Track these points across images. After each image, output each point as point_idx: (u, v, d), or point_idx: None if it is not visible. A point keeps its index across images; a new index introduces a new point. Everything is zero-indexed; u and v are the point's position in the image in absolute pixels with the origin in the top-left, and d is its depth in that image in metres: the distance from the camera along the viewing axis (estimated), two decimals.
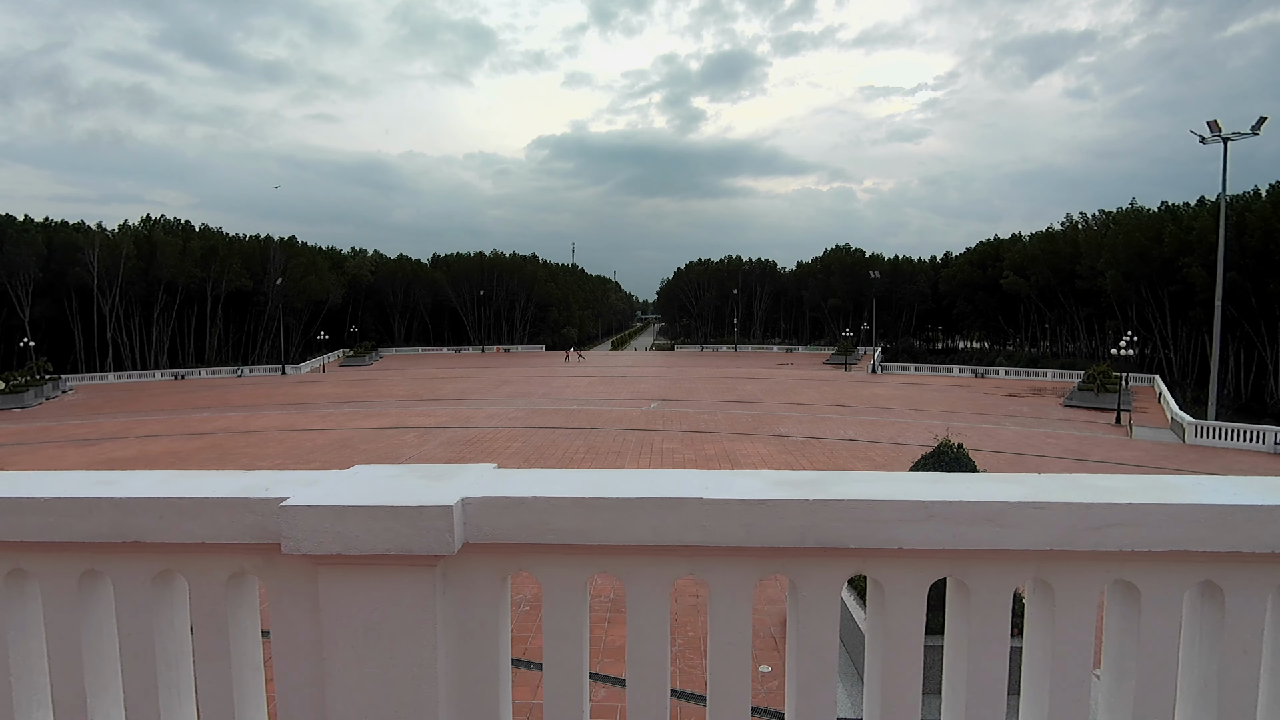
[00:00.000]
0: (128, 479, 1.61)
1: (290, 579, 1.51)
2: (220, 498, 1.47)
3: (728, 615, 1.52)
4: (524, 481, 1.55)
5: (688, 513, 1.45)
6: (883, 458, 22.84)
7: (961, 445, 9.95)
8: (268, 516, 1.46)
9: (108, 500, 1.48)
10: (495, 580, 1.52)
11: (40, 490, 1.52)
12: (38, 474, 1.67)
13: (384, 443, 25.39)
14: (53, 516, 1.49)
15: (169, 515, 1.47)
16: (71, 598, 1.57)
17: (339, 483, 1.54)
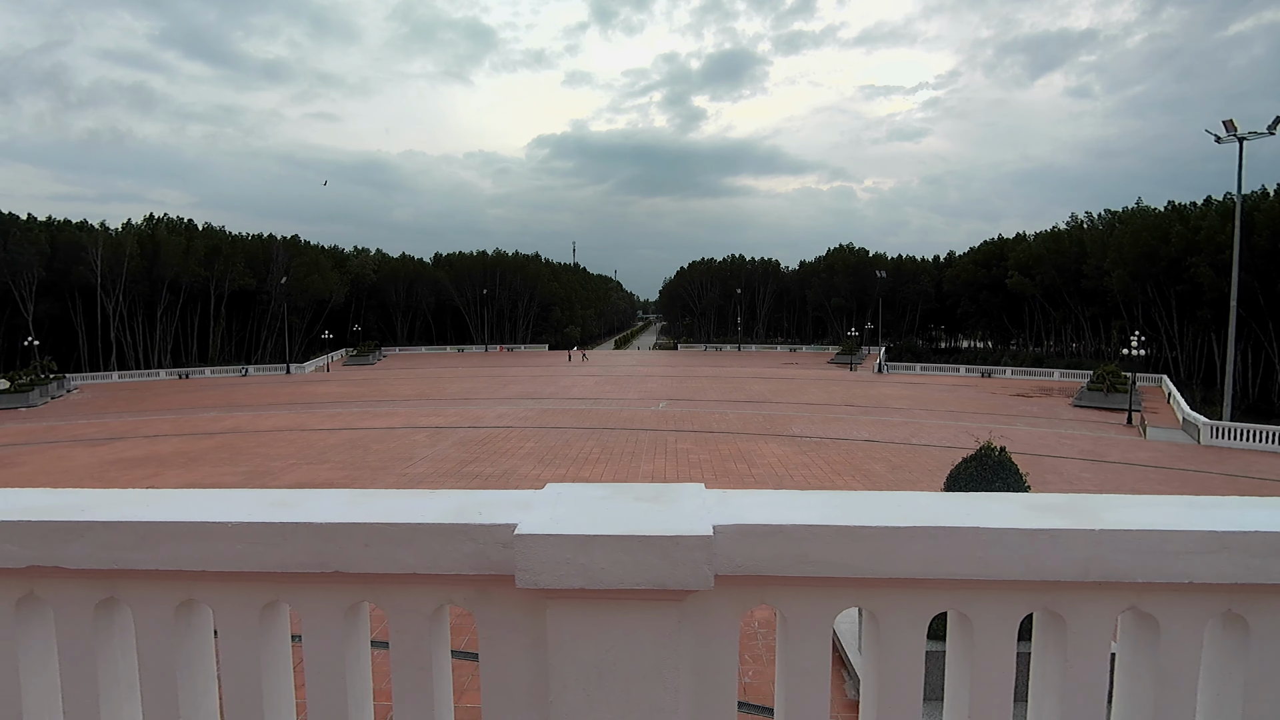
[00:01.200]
0: (309, 500, 1.47)
1: (510, 613, 1.37)
2: (437, 524, 1.33)
3: (995, 654, 1.37)
4: (765, 506, 1.41)
5: (960, 543, 1.31)
6: (899, 459, 22.70)
7: (1004, 449, 9.80)
8: (491, 545, 1.31)
9: (306, 526, 1.34)
10: (733, 616, 1.37)
11: (222, 514, 1.38)
12: (202, 494, 1.53)
13: (395, 443, 25.23)
14: (240, 544, 1.35)
15: (377, 543, 1.33)
16: (251, 632, 1.42)
17: (555, 506, 1.40)
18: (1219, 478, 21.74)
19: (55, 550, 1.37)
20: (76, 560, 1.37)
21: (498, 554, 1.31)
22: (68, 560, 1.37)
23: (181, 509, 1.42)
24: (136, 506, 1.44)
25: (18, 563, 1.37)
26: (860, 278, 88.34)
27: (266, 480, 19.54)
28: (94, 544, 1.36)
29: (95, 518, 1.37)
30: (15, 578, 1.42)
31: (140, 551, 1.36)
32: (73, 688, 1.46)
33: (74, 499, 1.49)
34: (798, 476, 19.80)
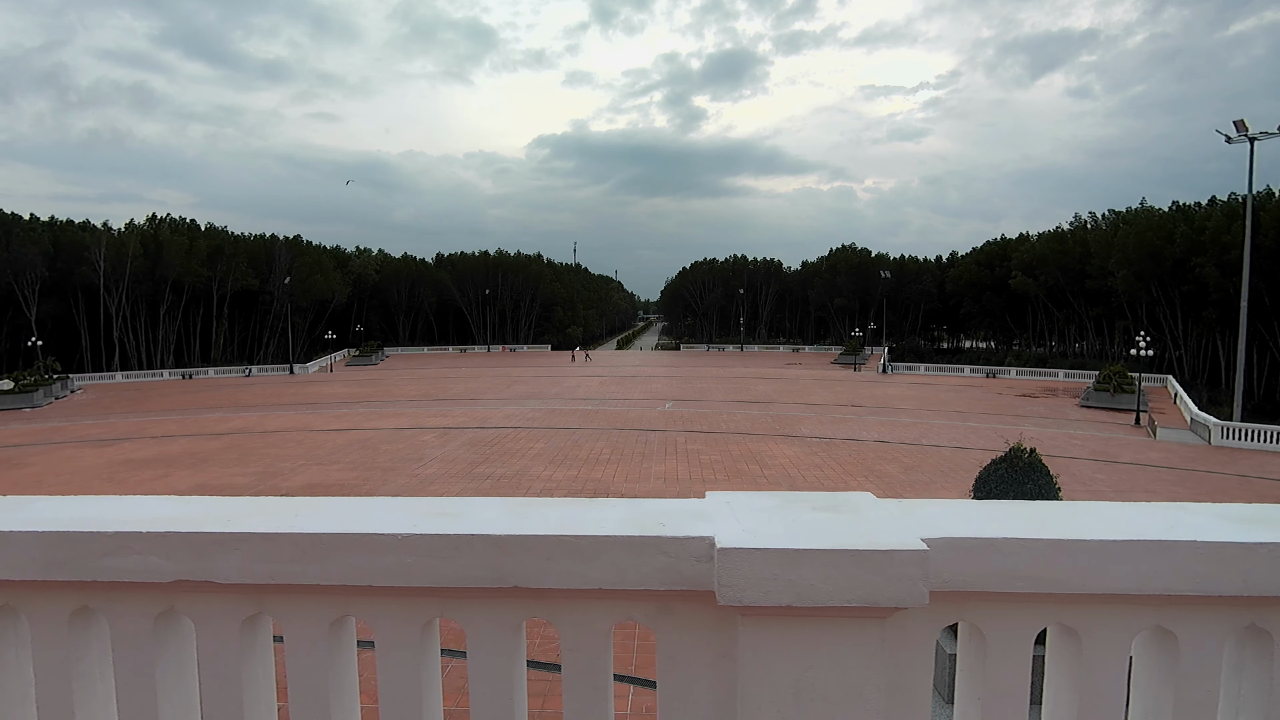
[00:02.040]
0: (473, 510, 1.39)
1: (693, 631, 1.29)
2: (625, 536, 1.25)
3: (1198, 676, 1.30)
4: (955, 518, 1.34)
5: (1174, 557, 1.24)
6: (910, 459, 22.63)
7: (1034, 450, 9.75)
8: (684, 559, 1.24)
9: (482, 539, 1.26)
10: (930, 634, 1.30)
11: (388, 525, 1.30)
12: (354, 503, 1.45)
13: (404, 443, 25.16)
14: (411, 556, 1.27)
15: (560, 557, 1.25)
16: (412, 650, 1.35)
17: (738, 517, 1.32)
18: (1233, 479, 21.66)
19: (206, 564, 1.29)
20: (228, 574, 1.29)
21: (690, 568, 1.24)
22: (219, 574, 1.29)
23: (340, 519, 1.35)
24: (287, 517, 1.36)
25: (163, 577, 1.30)
26: (863, 278, 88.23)
27: (277, 480, 19.47)
28: (249, 557, 1.28)
29: (248, 528, 1.30)
30: (158, 593, 1.34)
31: (299, 565, 1.28)
32: (214, 709, 1.38)
33: (217, 509, 1.41)
34: (810, 477, 19.72)
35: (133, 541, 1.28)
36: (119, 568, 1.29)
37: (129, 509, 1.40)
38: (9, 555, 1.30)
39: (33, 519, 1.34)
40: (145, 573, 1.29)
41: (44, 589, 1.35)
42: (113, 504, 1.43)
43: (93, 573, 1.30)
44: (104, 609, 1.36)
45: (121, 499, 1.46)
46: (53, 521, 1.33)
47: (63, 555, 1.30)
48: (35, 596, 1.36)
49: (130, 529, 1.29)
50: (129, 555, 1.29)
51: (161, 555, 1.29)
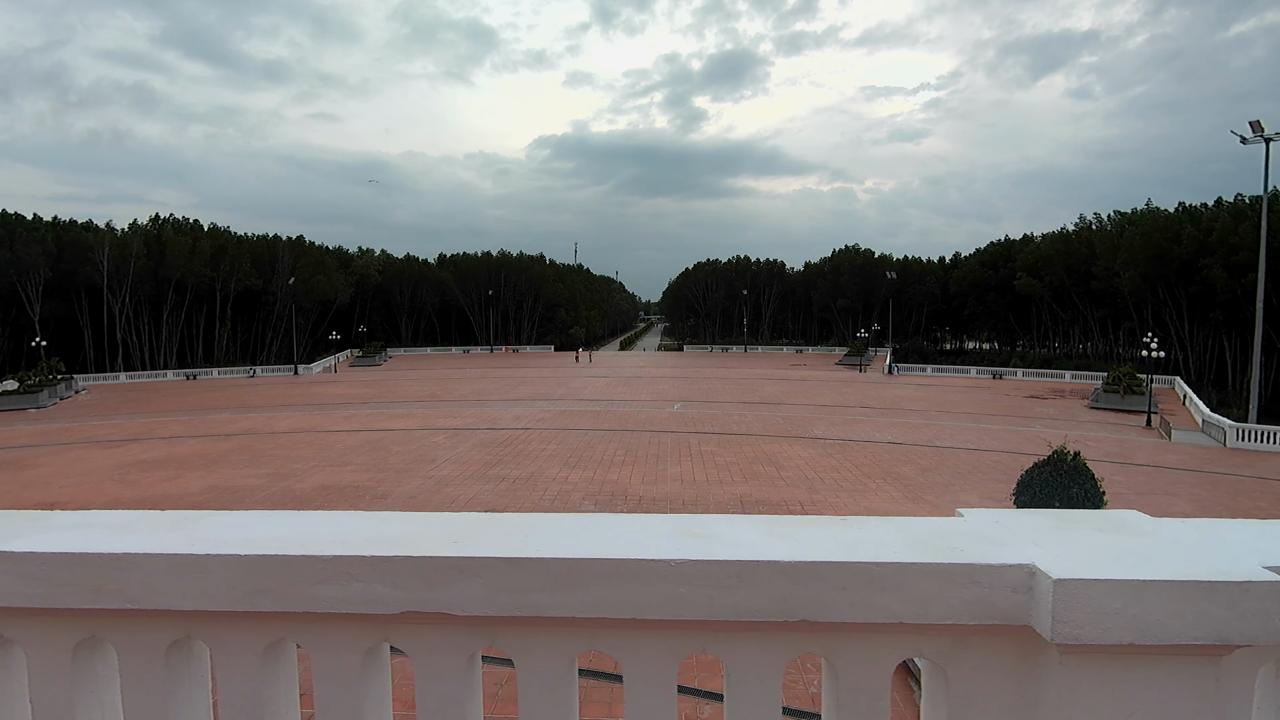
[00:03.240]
0: (727, 529, 1.24)
1: (992, 669, 1.14)
2: (932, 564, 1.10)
3: None
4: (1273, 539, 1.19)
5: None
6: (927, 461, 22.46)
7: (1079, 454, 9.61)
8: (999, 590, 1.08)
9: (769, 565, 1.10)
10: (1249, 674, 1.14)
11: (650, 550, 1.14)
12: (601, 522, 1.29)
13: (415, 445, 24.98)
14: (684, 586, 1.12)
15: (858, 586, 1.10)
16: (661, 688, 1.19)
17: (1041, 541, 1.17)
18: (1251, 480, 21.51)
19: (439, 593, 1.14)
20: (465, 605, 1.14)
21: (1005, 600, 1.08)
22: (454, 605, 1.14)
23: (589, 542, 1.19)
24: (520, 539, 1.20)
25: (387, 608, 1.14)
26: (866, 279, 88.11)
27: (290, 482, 19.29)
28: (493, 586, 1.13)
29: (487, 552, 1.14)
30: (374, 625, 1.19)
31: (547, 594, 1.13)
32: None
33: (438, 527, 1.25)
34: (828, 479, 19.56)
35: (354, 567, 1.13)
36: (334, 597, 1.14)
37: (336, 527, 1.24)
38: (203, 583, 1.15)
39: (229, 540, 1.19)
40: (366, 603, 1.14)
41: (240, 621, 1.19)
42: (312, 521, 1.27)
43: (302, 603, 1.14)
44: (308, 643, 1.20)
45: (320, 515, 1.30)
46: (252, 543, 1.18)
47: (268, 583, 1.14)
48: (231, 629, 1.20)
49: (350, 552, 1.14)
50: (348, 583, 1.13)
51: (387, 583, 1.13)
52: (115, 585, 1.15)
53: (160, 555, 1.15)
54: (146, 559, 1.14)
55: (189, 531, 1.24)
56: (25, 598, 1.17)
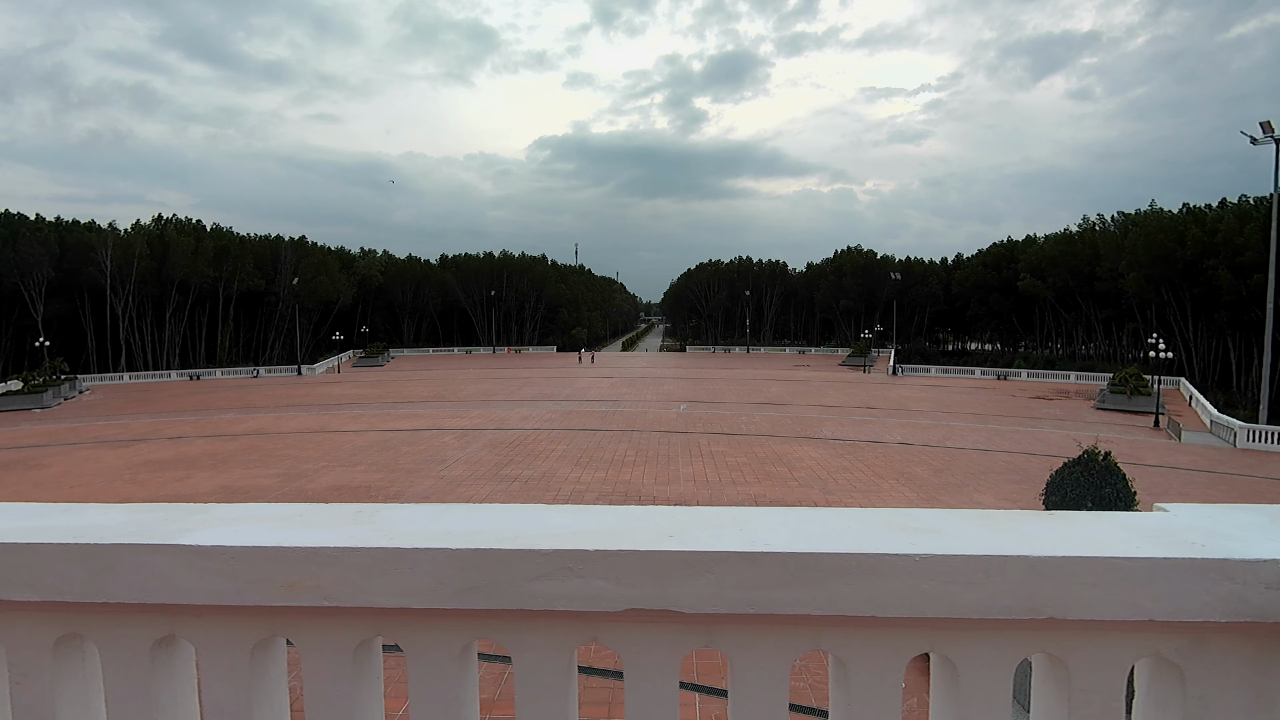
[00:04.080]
0: (946, 522, 1.17)
1: (1229, 669, 1.08)
2: (1182, 559, 1.03)
3: None
4: None
5: None
6: (939, 461, 22.40)
7: (1109, 454, 9.54)
8: (1252, 586, 1.01)
9: (1017, 560, 1.04)
10: None
11: (888, 544, 1.07)
12: (836, 515, 1.21)
13: (424, 444, 24.91)
14: (928, 583, 1.05)
15: (1108, 582, 1.03)
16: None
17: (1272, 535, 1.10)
18: (1265, 481, 21.46)
19: (668, 589, 1.07)
20: (695, 602, 1.07)
21: (1259, 596, 1.02)
22: (683, 602, 1.07)
23: (820, 537, 1.11)
24: (736, 531, 1.13)
25: (611, 605, 1.07)
26: (869, 280, 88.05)
27: (302, 482, 19.22)
28: (723, 581, 1.06)
29: (711, 546, 1.07)
30: (588, 623, 1.12)
31: (781, 591, 1.06)
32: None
33: (657, 520, 1.18)
34: (841, 480, 19.49)
35: (576, 561, 1.06)
36: (552, 594, 1.07)
37: (541, 520, 1.17)
38: (409, 579, 1.08)
39: (430, 533, 1.12)
40: (586, 600, 1.07)
41: (439, 620, 1.12)
42: (512, 514, 1.20)
43: (515, 599, 1.07)
44: (512, 643, 1.13)
45: (516, 507, 1.23)
46: (458, 536, 1.11)
47: (480, 579, 1.07)
48: (428, 628, 1.13)
49: (569, 545, 1.07)
50: (568, 579, 1.06)
51: (612, 578, 1.06)
52: (312, 582, 1.08)
53: (362, 549, 1.07)
54: (347, 554, 1.07)
55: (376, 525, 1.17)
56: (206, 594, 1.10)
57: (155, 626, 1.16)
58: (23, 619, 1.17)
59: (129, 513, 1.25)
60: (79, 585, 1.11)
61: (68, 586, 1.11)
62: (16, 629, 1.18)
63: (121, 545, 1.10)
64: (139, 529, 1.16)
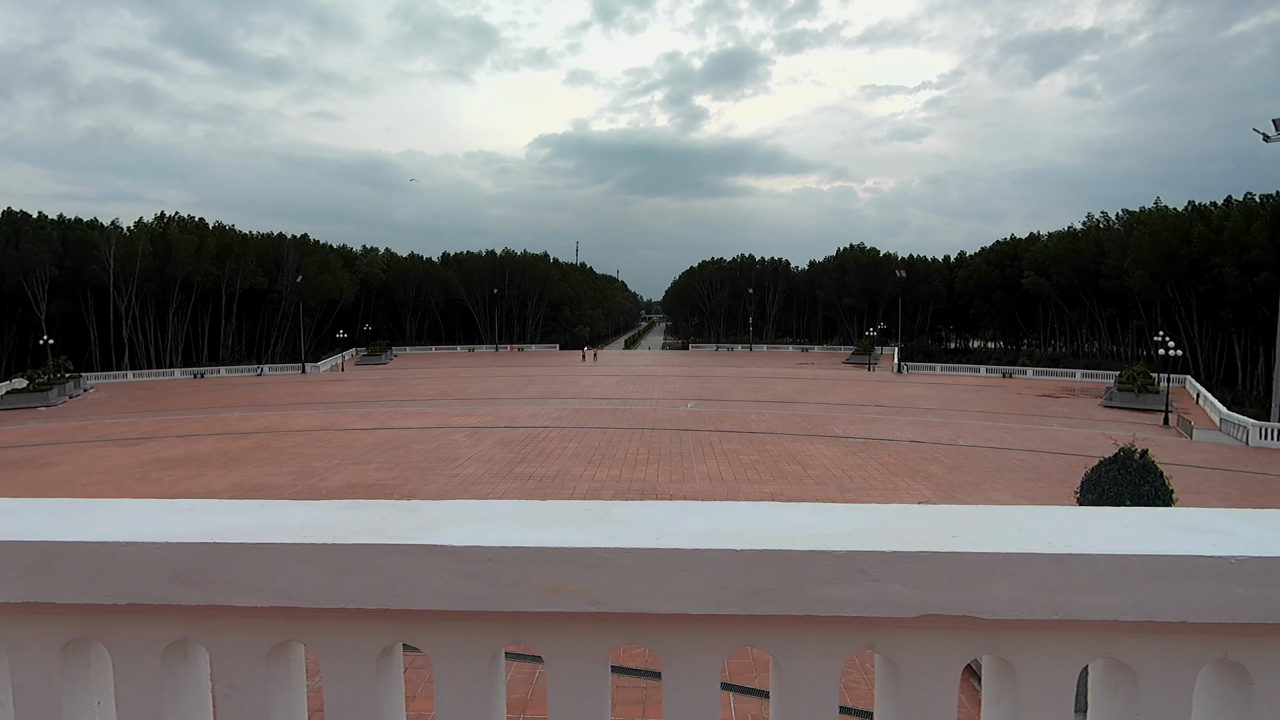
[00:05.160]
0: (1221, 522, 1.08)
1: None
2: None
3: None
4: None
5: None
6: (952, 460, 22.32)
7: (1146, 452, 9.46)
8: None
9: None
10: None
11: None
12: (1092, 514, 1.12)
13: (435, 443, 24.83)
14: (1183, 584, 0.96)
15: None
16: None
17: None
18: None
19: (969, 594, 0.98)
20: (996, 607, 0.98)
21: None
22: (983, 608, 0.98)
23: (1124, 540, 1.02)
24: (1002, 527, 1.04)
25: (904, 610, 0.98)
26: (871, 277, 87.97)
27: (315, 480, 19.14)
28: (1028, 585, 0.97)
29: (1017, 548, 0.98)
30: (865, 629, 1.03)
31: (1087, 595, 0.97)
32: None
33: (937, 519, 1.09)
34: (856, 478, 19.42)
35: (871, 564, 0.97)
36: (840, 598, 0.98)
37: (825, 520, 1.08)
38: (688, 581, 0.99)
39: (702, 531, 1.03)
40: (878, 605, 0.98)
41: (710, 626, 1.03)
42: (794, 513, 1.11)
43: (800, 604, 0.98)
44: (779, 650, 1.04)
45: (783, 506, 1.13)
46: (739, 535, 1.01)
47: (768, 581, 0.98)
48: (693, 635, 1.04)
49: (869, 547, 0.98)
50: (862, 582, 0.97)
51: (910, 583, 0.97)
52: (578, 586, 0.99)
53: (633, 550, 0.98)
54: (620, 555, 0.98)
55: (622, 523, 1.08)
56: (452, 599, 1.01)
57: (384, 634, 1.07)
58: (239, 626, 1.08)
59: (338, 510, 1.16)
60: (311, 589, 1.02)
61: (298, 590, 1.02)
62: (229, 636, 1.09)
63: (361, 545, 1.01)
64: (369, 528, 1.07)
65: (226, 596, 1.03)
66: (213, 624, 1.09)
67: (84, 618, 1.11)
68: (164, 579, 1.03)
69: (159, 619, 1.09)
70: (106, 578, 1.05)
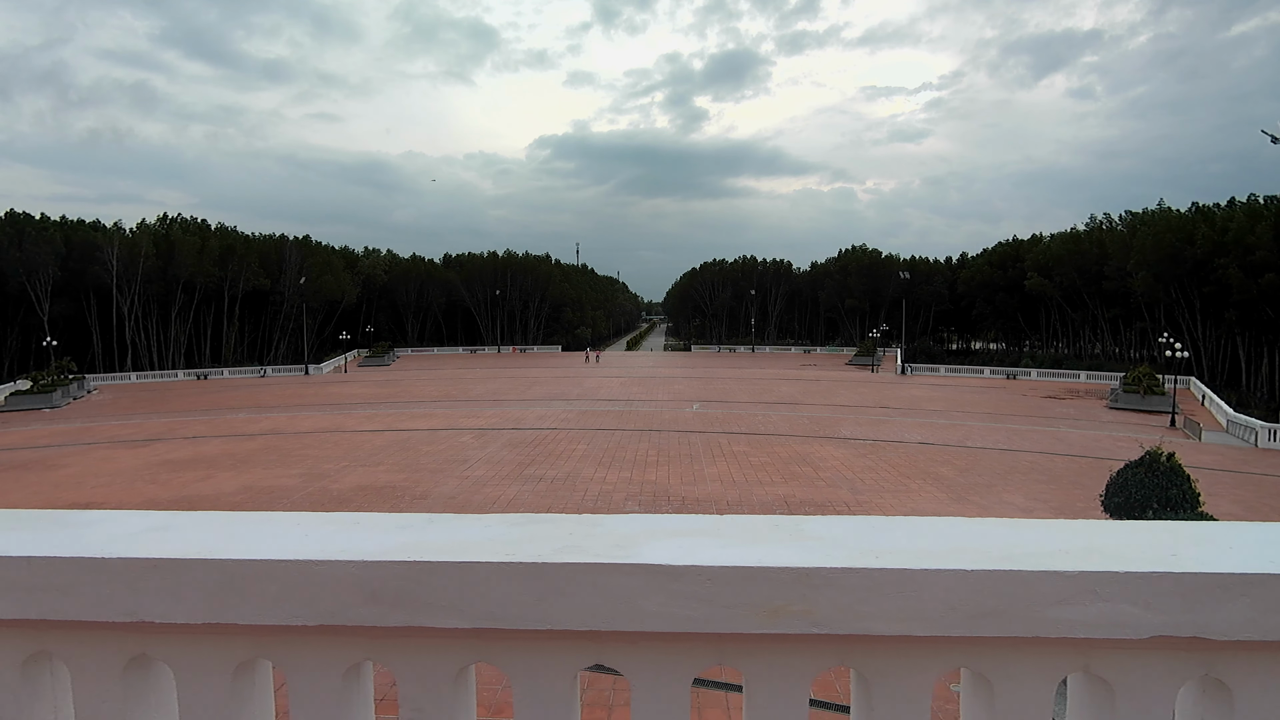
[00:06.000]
0: None
1: None
2: None
3: None
4: None
5: None
6: (963, 461, 22.29)
7: (1173, 455, 9.44)
8: None
9: None
10: None
11: None
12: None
13: (443, 444, 24.80)
14: None
15: None
16: None
17: None
18: None
19: (1199, 616, 0.95)
20: (1230, 629, 0.95)
21: None
22: (1215, 629, 0.95)
23: None
24: None
25: (1135, 631, 0.95)
26: (874, 279, 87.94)
27: (325, 483, 19.11)
28: (1263, 605, 0.95)
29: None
30: (1080, 651, 1.00)
31: None
32: None
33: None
34: (868, 480, 19.39)
35: (1104, 584, 0.94)
36: (1069, 620, 0.95)
37: (1047, 537, 1.05)
38: (916, 603, 0.96)
39: (943, 551, 1.00)
40: (1107, 626, 0.95)
41: (928, 647, 1.01)
42: (1018, 530, 1.08)
43: (1032, 625, 0.96)
44: (996, 673, 1.02)
45: (1021, 524, 1.11)
46: (960, 555, 0.99)
47: (997, 603, 0.96)
48: (905, 655, 1.01)
49: (1100, 567, 0.95)
50: (1091, 603, 0.95)
51: (1140, 602, 0.94)
52: (801, 607, 0.96)
53: (863, 570, 0.96)
54: (846, 575, 0.96)
55: (824, 540, 1.05)
56: (669, 620, 0.98)
57: (582, 656, 1.05)
58: (430, 647, 1.05)
59: (516, 525, 1.13)
60: (516, 609, 0.99)
61: (502, 611, 1.00)
62: (419, 658, 1.06)
63: (571, 565, 0.99)
64: (567, 545, 1.04)
65: (425, 617, 1.01)
66: (400, 644, 1.06)
67: (257, 639, 1.08)
68: (360, 599, 1.01)
69: (344, 640, 1.06)
70: (294, 597, 1.02)
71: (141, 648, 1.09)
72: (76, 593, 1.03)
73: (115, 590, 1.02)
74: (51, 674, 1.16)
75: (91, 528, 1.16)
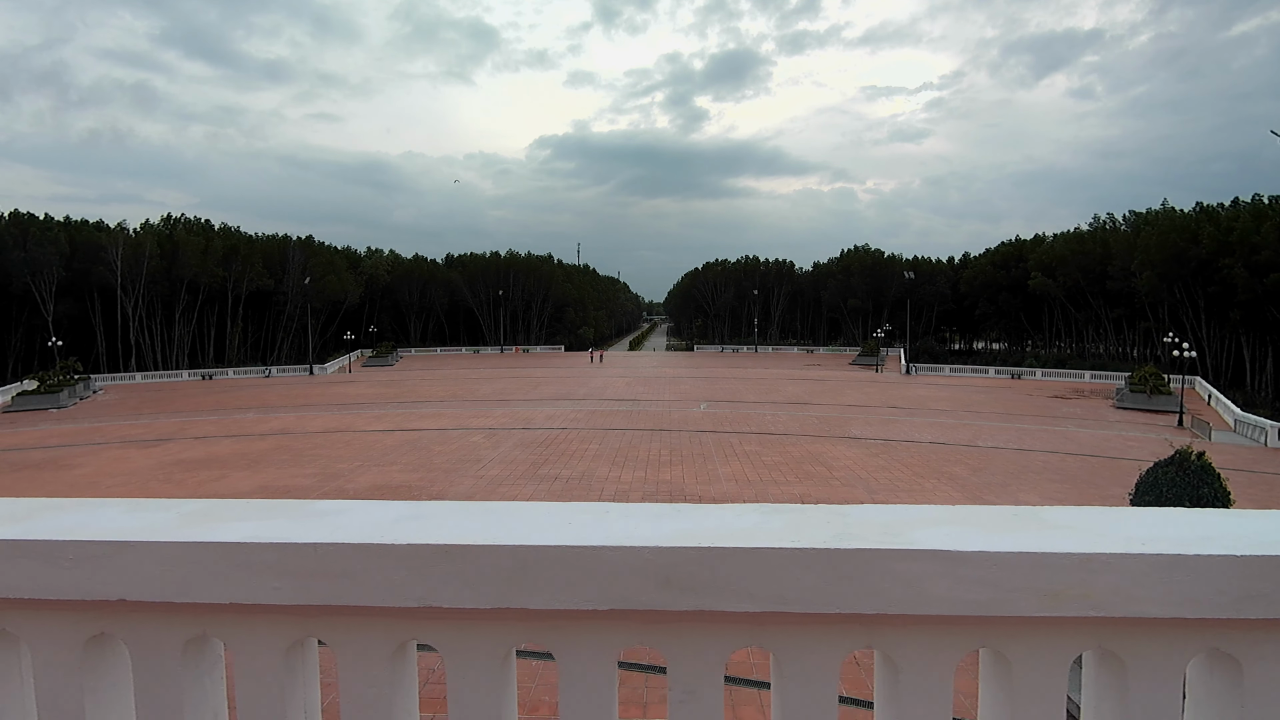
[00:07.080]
0: None
1: None
2: None
3: None
4: None
5: None
6: (975, 461, 22.33)
7: (1203, 454, 9.47)
8: None
9: None
10: None
11: None
12: None
13: (454, 444, 24.84)
14: None
15: None
16: None
17: None
18: None
19: None
20: None
21: None
22: None
23: None
24: None
25: None
26: (876, 279, 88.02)
27: (340, 482, 19.15)
28: None
29: None
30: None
31: None
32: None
33: None
34: (882, 480, 19.43)
35: None
36: None
37: None
38: (1195, 585, 1.00)
39: (1192, 538, 1.03)
40: None
41: (1169, 630, 1.04)
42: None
43: None
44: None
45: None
46: (1224, 541, 1.02)
47: (1268, 587, 0.99)
48: (1172, 637, 1.05)
49: None
50: None
51: None
52: (1081, 591, 0.98)
53: (1138, 556, 0.99)
54: (1123, 560, 0.97)
55: (1075, 529, 1.08)
56: (940, 603, 1.01)
57: (852, 639, 1.08)
58: (708, 631, 1.08)
59: (775, 514, 1.16)
60: (803, 594, 1.02)
61: (794, 595, 1.02)
62: (694, 640, 1.09)
63: (852, 550, 1.02)
64: (838, 533, 1.07)
65: (716, 601, 1.03)
66: (674, 629, 1.09)
67: (530, 625, 1.10)
68: (653, 585, 1.03)
69: (620, 625, 1.09)
70: (586, 583, 1.04)
71: (413, 634, 1.11)
72: (359, 578, 1.06)
73: (401, 576, 1.05)
74: (304, 662, 1.19)
75: (344, 515, 1.19)
